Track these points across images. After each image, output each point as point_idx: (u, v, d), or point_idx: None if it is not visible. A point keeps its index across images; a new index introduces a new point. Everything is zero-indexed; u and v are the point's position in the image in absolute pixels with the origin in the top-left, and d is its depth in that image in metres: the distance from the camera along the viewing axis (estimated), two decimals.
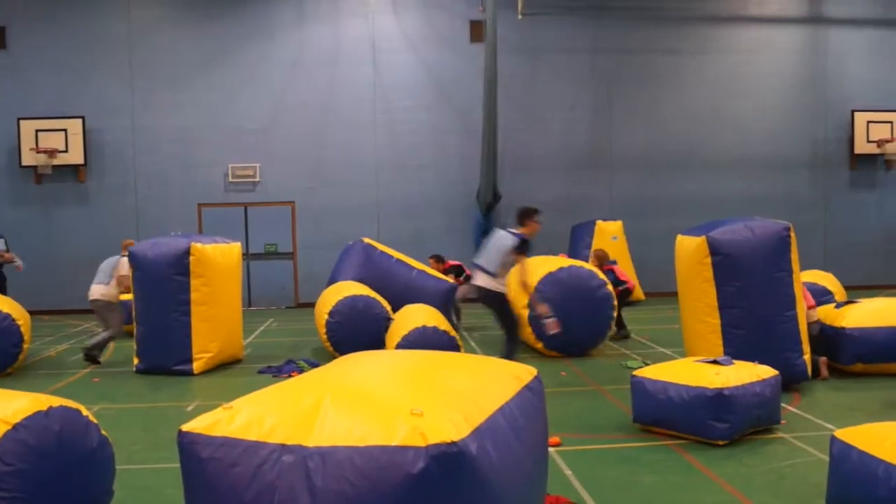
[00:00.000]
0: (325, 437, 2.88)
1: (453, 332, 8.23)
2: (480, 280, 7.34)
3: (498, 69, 14.30)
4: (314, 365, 8.85)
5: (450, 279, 11.44)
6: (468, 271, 11.61)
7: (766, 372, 5.89)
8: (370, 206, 15.94)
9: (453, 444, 2.76)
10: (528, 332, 9.12)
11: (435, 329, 8.01)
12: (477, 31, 15.79)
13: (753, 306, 7.01)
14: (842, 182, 17.09)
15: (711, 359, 6.07)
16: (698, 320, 7.33)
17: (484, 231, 15.85)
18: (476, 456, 2.83)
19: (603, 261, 10.54)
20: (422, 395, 3.18)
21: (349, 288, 9.79)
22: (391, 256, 11.19)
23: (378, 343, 9.18)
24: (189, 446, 3.07)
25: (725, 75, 16.72)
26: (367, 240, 11.57)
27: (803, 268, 10.47)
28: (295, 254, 15.99)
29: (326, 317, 9.31)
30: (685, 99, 16.64)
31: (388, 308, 9.57)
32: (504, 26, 14.96)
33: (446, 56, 16.11)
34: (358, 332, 9.20)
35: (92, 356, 9.41)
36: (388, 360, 4.03)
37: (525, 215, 7.63)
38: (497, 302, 7.28)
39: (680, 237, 7.94)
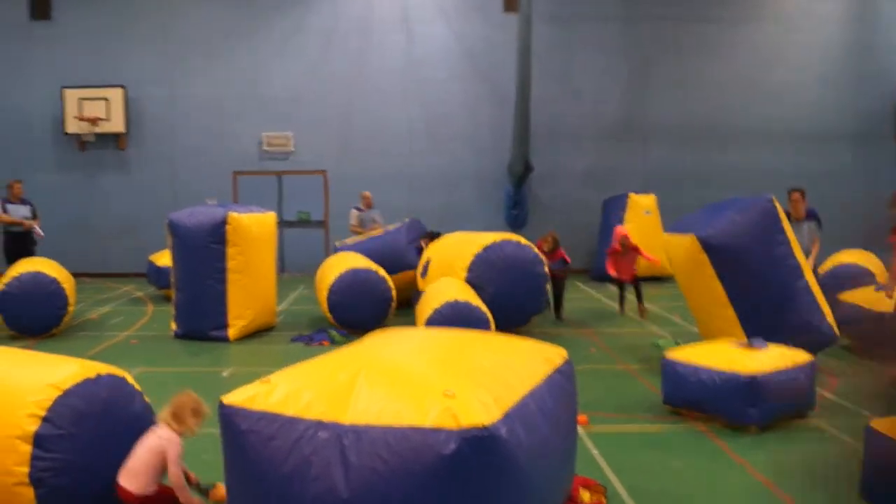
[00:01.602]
0: (359, 415, 2.97)
1: (485, 308, 8.15)
2: None
3: (531, 39, 14.11)
4: (344, 335, 8.98)
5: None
6: None
7: (801, 357, 5.83)
8: (402, 175, 15.93)
9: (484, 427, 2.83)
10: None
11: (467, 304, 7.89)
12: (510, 0, 15.58)
13: (763, 288, 6.86)
14: (887, 156, 16.56)
15: (745, 342, 6.02)
16: (714, 316, 7.20)
17: (515, 203, 15.82)
18: (506, 439, 2.90)
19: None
20: (454, 375, 3.25)
21: (346, 261, 9.80)
22: None
23: (380, 313, 9.29)
24: (229, 418, 3.19)
25: (765, 45, 16.27)
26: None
27: (843, 246, 10.35)
28: (326, 222, 16.12)
29: (327, 293, 9.28)
30: (723, 69, 16.22)
31: (388, 278, 9.49)
32: None
33: (479, 26, 15.93)
34: (360, 304, 9.20)
35: None
36: (421, 339, 4.09)
37: None
38: None
39: (667, 236, 7.85)
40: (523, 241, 9.34)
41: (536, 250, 9.31)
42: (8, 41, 15.50)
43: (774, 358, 5.68)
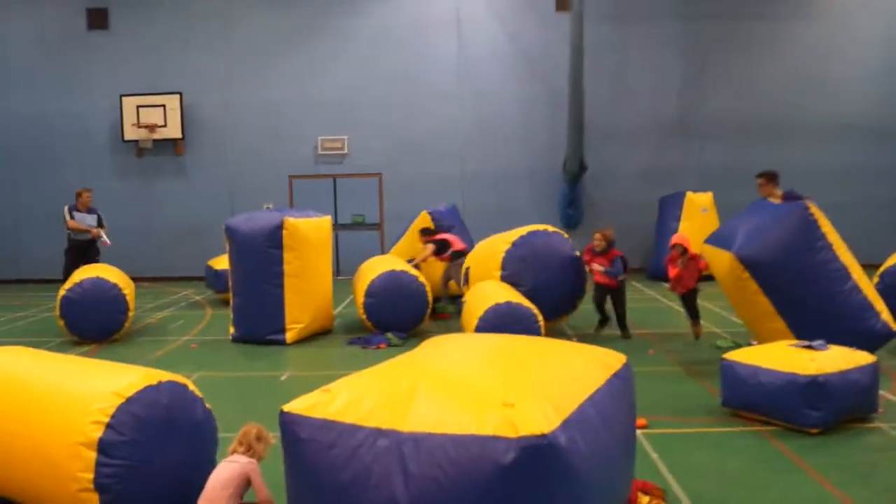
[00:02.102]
0: (418, 423, 2.99)
1: (528, 303, 7.95)
2: None
3: (584, 37, 13.99)
4: (401, 338, 9.03)
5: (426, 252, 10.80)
6: (461, 245, 10.89)
7: (863, 358, 5.67)
8: (456, 177, 15.97)
9: (543, 436, 2.82)
10: None
11: (508, 303, 7.74)
12: None
13: (811, 297, 6.77)
14: None
15: (806, 343, 5.88)
16: (764, 327, 7.13)
17: (569, 202, 15.69)
18: (565, 448, 2.88)
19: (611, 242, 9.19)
20: (512, 383, 3.25)
21: (383, 263, 9.83)
22: None
23: (418, 317, 9.30)
24: (290, 426, 3.25)
25: (820, 40, 15.82)
26: None
27: None
28: (382, 225, 16.26)
29: (364, 297, 9.28)
30: (777, 65, 15.83)
31: (426, 281, 9.45)
32: None
33: (532, 25, 15.87)
34: (396, 308, 9.19)
35: None
36: (479, 346, 4.10)
37: None
38: None
39: (707, 248, 7.79)
40: (550, 228, 9.35)
41: (566, 236, 9.25)
42: (67, 51, 16.08)
43: (835, 359, 5.54)
